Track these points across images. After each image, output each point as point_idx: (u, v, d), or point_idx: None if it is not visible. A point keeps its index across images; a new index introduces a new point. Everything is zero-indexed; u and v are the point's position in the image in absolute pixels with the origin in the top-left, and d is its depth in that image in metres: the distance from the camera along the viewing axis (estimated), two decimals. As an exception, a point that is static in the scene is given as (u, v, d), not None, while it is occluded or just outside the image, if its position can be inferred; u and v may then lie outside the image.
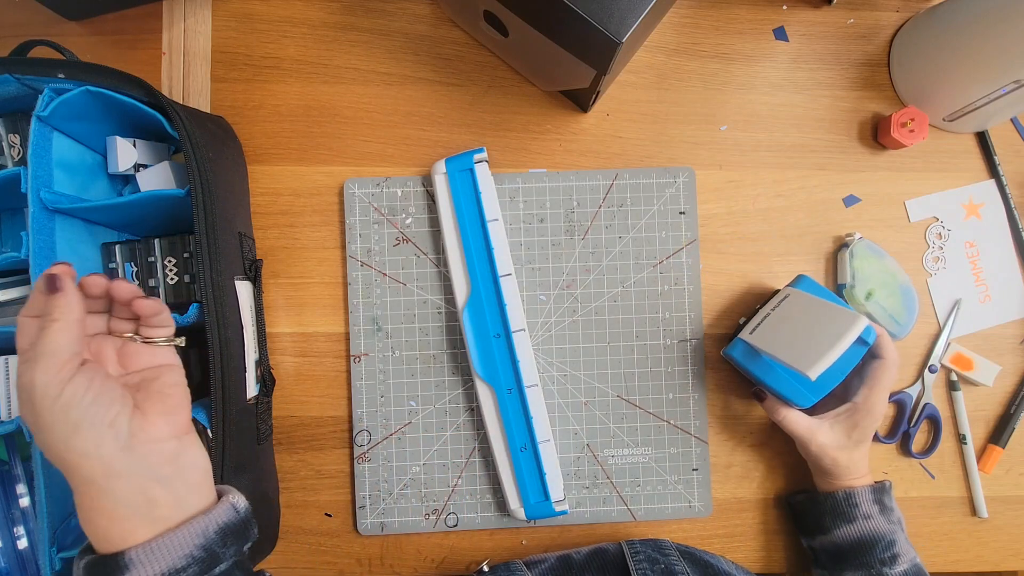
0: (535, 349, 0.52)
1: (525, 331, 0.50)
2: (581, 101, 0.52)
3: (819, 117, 0.55)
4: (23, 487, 0.47)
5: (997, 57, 0.45)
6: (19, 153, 0.45)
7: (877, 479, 0.48)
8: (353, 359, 0.52)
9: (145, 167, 0.47)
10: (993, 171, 0.55)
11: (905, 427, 0.53)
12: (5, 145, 0.45)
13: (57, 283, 0.29)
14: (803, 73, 0.55)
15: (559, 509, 0.49)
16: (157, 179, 0.47)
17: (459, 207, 0.50)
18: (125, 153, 0.46)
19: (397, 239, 0.53)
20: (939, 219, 0.55)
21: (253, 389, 0.46)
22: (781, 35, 0.55)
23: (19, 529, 0.47)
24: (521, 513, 0.49)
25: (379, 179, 0.53)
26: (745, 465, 0.53)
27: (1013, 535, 0.54)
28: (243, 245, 0.47)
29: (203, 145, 0.42)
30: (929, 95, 0.52)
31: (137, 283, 0.46)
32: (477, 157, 0.50)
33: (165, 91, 0.53)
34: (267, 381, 0.47)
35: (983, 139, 0.55)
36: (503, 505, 0.51)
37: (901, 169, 0.55)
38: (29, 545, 0.46)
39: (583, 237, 0.53)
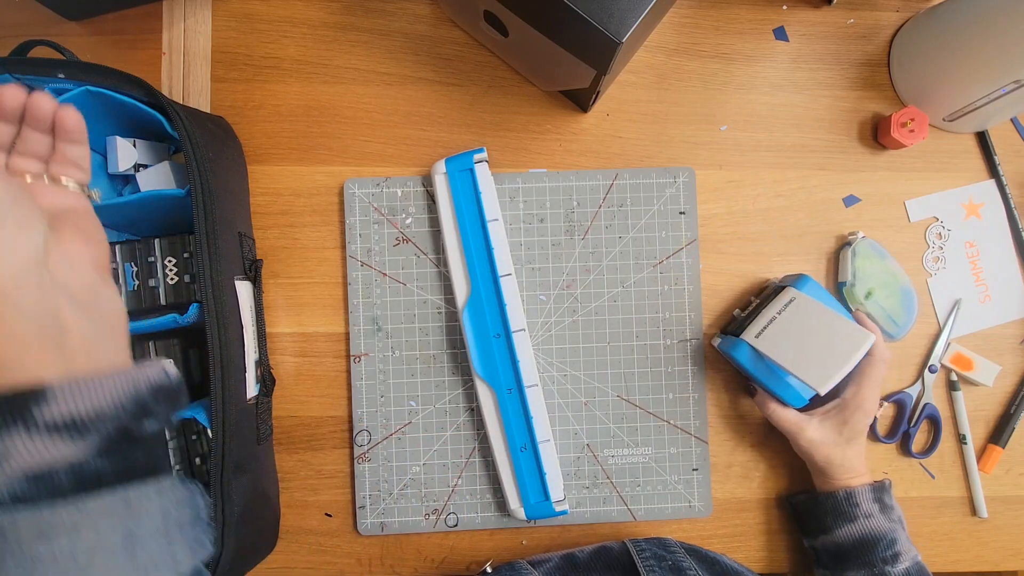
0: (535, 349, 0.52)
1: (525, 331, 0.50)
2: (581, 101, 0.52)
3: (819, 117, 0.55)
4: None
5: (997, 57, 0.45)
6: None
7: (877, 479, 0.48)
8: (353, 359, 0.52)
9: (145, 167, 0.47)
10: (993, 171, 0.55)
11: (905, 427, 0.53)
12: (5, 145, 0.45)
13: None
14: (803, 73, 0.55)
15: (559, 509, 0.49)
16: (157, 179, 0.47)
17: (459, 207, 0.50)
18: (125, 153, 0.46)
19: (397, 239, 0.53)
20: (939, 219, 0.55)
21: (253, 389, 0.45)
22: (781, 35, 0.55)
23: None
24: (521, 513, 0.49)
25: (379, 179, 0.53)
26: (745, 465, 0.53)
27: (1013, 535, 0.54)
28: (243, 245, 0.47)
29: (203, 145, 0.42)
30: (929, 95, 0.52)
31: (137, 283, 0.46)
32: (477, 157, 0.50)
33: (165, 91, 0.53)
34: (267, 381, 0.47)
35: (983, 139, 0.55)
36: (503, 505, 0.51)
37: (901, 169, 0.55)
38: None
39: (583, 237, 0.53)
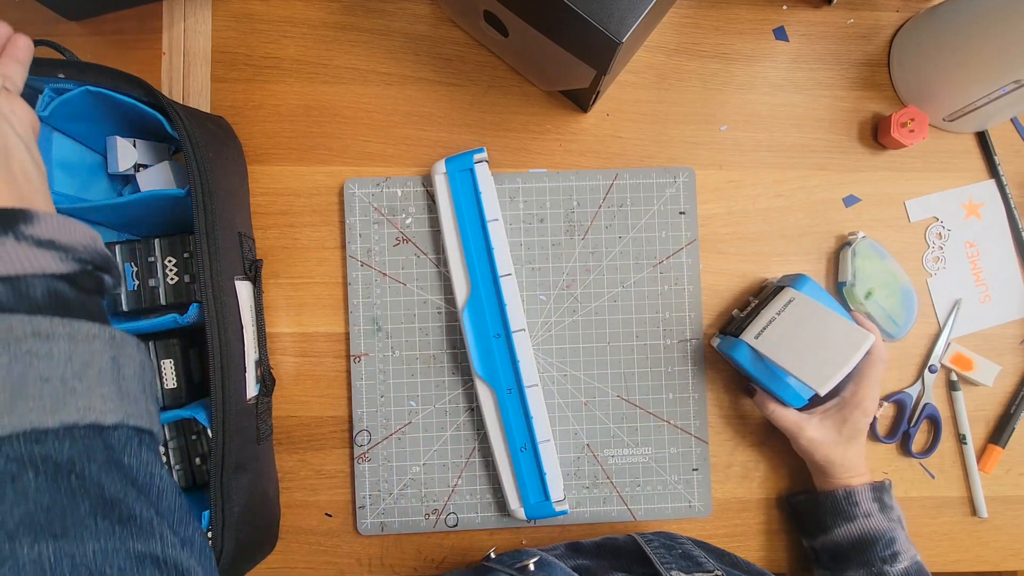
0: (535, 349, 0.52)
1: (525, 331, 0.50)
2: (581, 101, 0.52)
3: (819, 117, 0.55)
4: None
5: (997, 57, 0.45)
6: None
7: (877, 479, 0.48)
8: (353, 359, 0.52)
9: (145, 167, 0.47)
10: (993, 171, 0.55)
11: (905, 427, 0.53)
12: (5, 145, 0.45)
13: None
14: (803, 73, 0.55)
15: (559, 509, 0.49)
16: (157, 179, 0.47)
17: (459, 207, 0.50)
18: (125, 153, 0.46)
19: (397, 239, 0.53)
20: (939, 219, 0.55)
21: (253, 389, 0.45)
22: (781, 35, 0.55)
23: None
24: (521, 513, 0.49)
25: (379, 179, 0.53)
26: (745, 465, 0.53)
27: (1013, 535, 0.54)
28: (243, 245, 0.47)
29: (203, 145, 0.42)
30: (929, 95, 0.52)
31: (137, 283, 0.46)
32: (477, 157, 0.50)
33: (165, 91, 0.53)
34: (267, 381, 0.47)
35: (983, 139, 0.55)
36: (503, 505, 0.51)
37: (901, 169, 0.55)
38: None
39: (583, 237, 0.53)
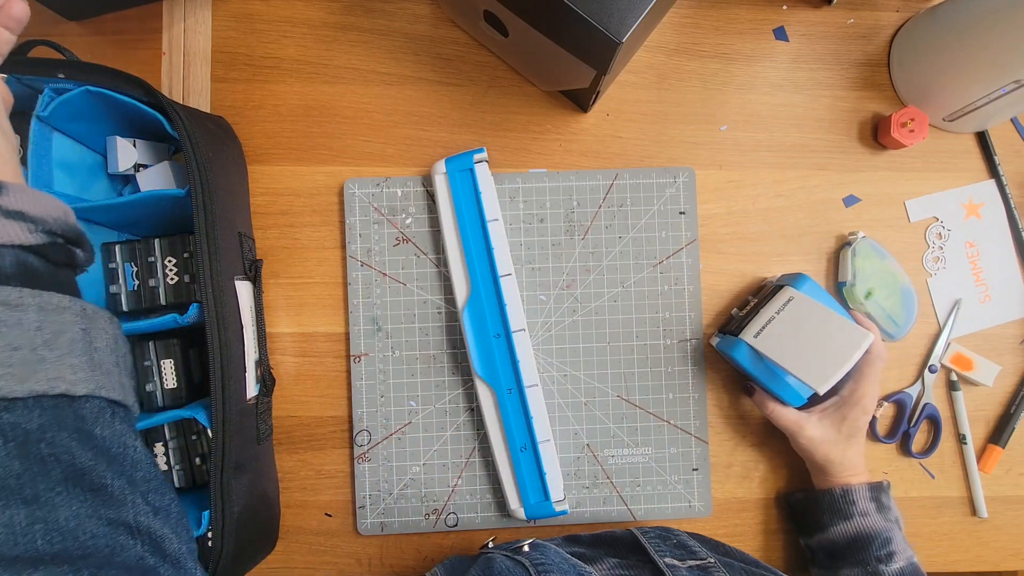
0: (535, 349, 0.52)
1: (525, 331, 0.50)
2: (581, 101, 0.52)
3: (819, 117, 0.55)
4: None
5: (997, 57, 0.45)
6: (19, 153, 0.45)
7: (876, 479, 0.48)
8: (353, 359, 0.52)
9: (145, 167, 0.47)
10: (993, 171, 0.55)
11: (905, 427, 0.53)
12: (5, 145, 0.45)
13: None
14: (803, 73, 0.55)
15: (559, 509, 0.49)
16: (157, 179, 0.47)
17: (459, 207, 0.50)
18: (125, 153, 0.46)
19: (397, 239, 0.53)
20: (939, 219, 0.55)
21: (253, 389, 0.45)
22: (781, 35, 0.55)
23: None
24: (521, 513, 0.49)
25: (379, 179, 0.53)
26: (745, 465, 0.53)
27: (1013, 535, 0.54)
28: (243, 245, 0.47)
29: (203, 145, 0.42)
30: (929, 95, 0.52)
31: (137, 283, 0.46)
32: (477, 157, 0.50)
33: (165, 91, 0.53)
34: (267, 381, 0.47)
35: (983, 139, 0.55)
36: (503, 505, 0.51)
37: (901, 169, 0.55)
38: None
39: (583, 237, 0.53)
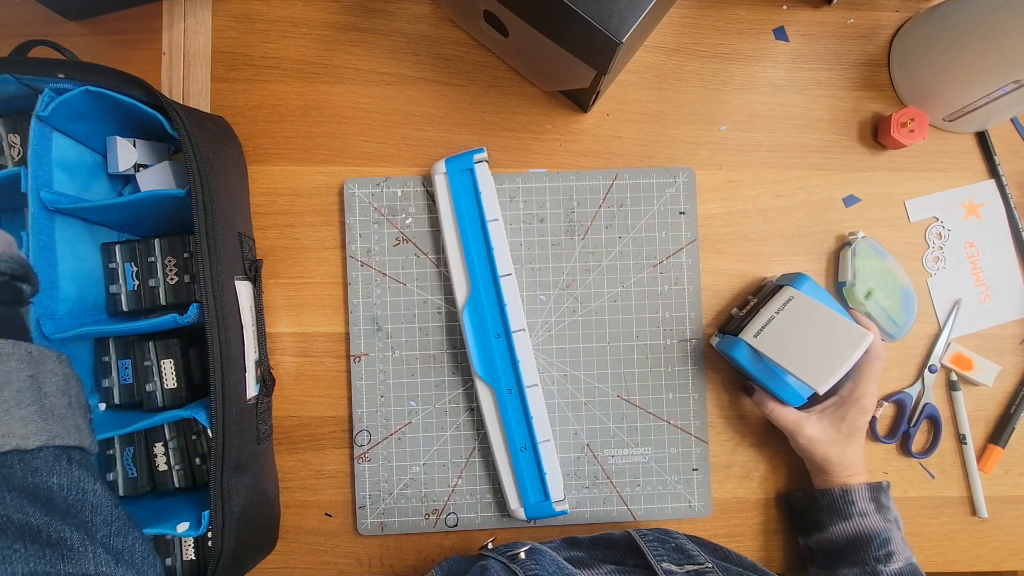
0: (535, 349, 0.52)
1: (525, 331, 0.50)
2: (581, 101, 0.52)
3: (819, 117, 0.55)
4: None
5: (997, 57, 0.45)
6: (19, 153, 0.45)
7: (876, 480, 0.48)
8: (353, 359, 0.52)
9: (145, 167, 0.47)
10: (993, 171, 0.55)
11: (905, 427, 0.53)
12: (5, 145, 0.45)
13: None
14: (803, 73, 0.55)
15: (559, 509, 0.49)
16: (157, 179, 0.47)
17: (459, 207, 0.50)
18: (125, 153, 0.46)
19: (397, 239, 0.53)
20: (939, 219, 0.55)
21: (253, 389, 0.46)
22: (781, 35, 0.55)
23: None
24: (521, 513, 0.49)
25: (379, 179, 0.53)
26: (745, 465, 0.53)
27: (1013, 535, 0.54)
28: (243, 245, 0.47)
29: (203, 145, 0.42)
30: (929, 95, 0.52)
31: (137, 283, 0.46)
32: (477, 157, 0.50)
33: (165, 91, 0.53)
34: (267, 381, 0.47)
35: (983, 139, 0.55)
36: (503, 505, 0.51)
37: (901, 169, 0.55)
38: None
39: (583, 237, 0.53)
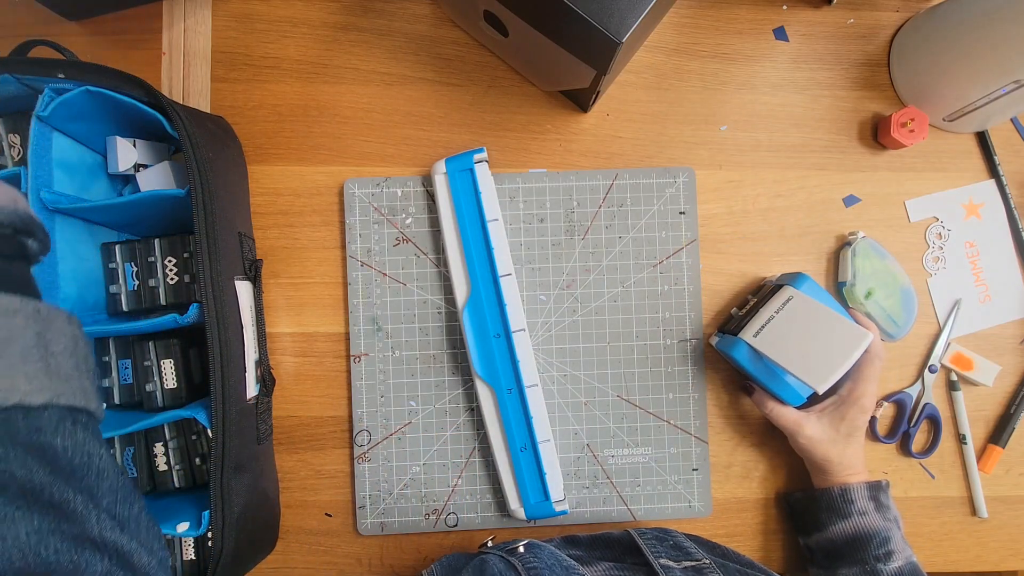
0: (535, 349, 0.52)
1: (525, 331, 0.50)
2: (581, 101, 0.52)
3: (819, 117, 0.55)
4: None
5: (997, 57, 0.45)
6: (19, 153, 0.45)
7: (875, 479, 0.48)
8: (353, 359, 0.52)
9: (145, 167, 0.47)
10: (993, 171, 0.55)
11: (905, 427, 0.53)
12: (5, 145, 0.45)
13: None
14: (803, 73, 0.55)
15: (559, 509, 0.49)
16: (157, 179, 0.47)
17: (459, 207, 0.50)
18: (125, 153, 0.46)
19: (397, 239, 0.53)
20: (939, 219, 0.55)
21: (253, 389, 0.46)
22: (781, 35, 0.55)
23: None
24: (521, 513, 0.49)
25: (379, 179, 0.53)
26: (745, 465, 0.53)
27: (1013, 535, 0.54)
28: (243, 245, 0.47)
29: (203, 145, 0.42)
30: (929, 95, 0.52)
31: (137, 283, 0.46)
32: (477, 157, 0.50)
33: (165, 91, 0.53)
34: (267, 381, 0.47)
35: (983, 139, 0.55)
36: (503, 505, 0.51)
37: (901, 169, 0.55)
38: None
39: (583, 237, 0.53)
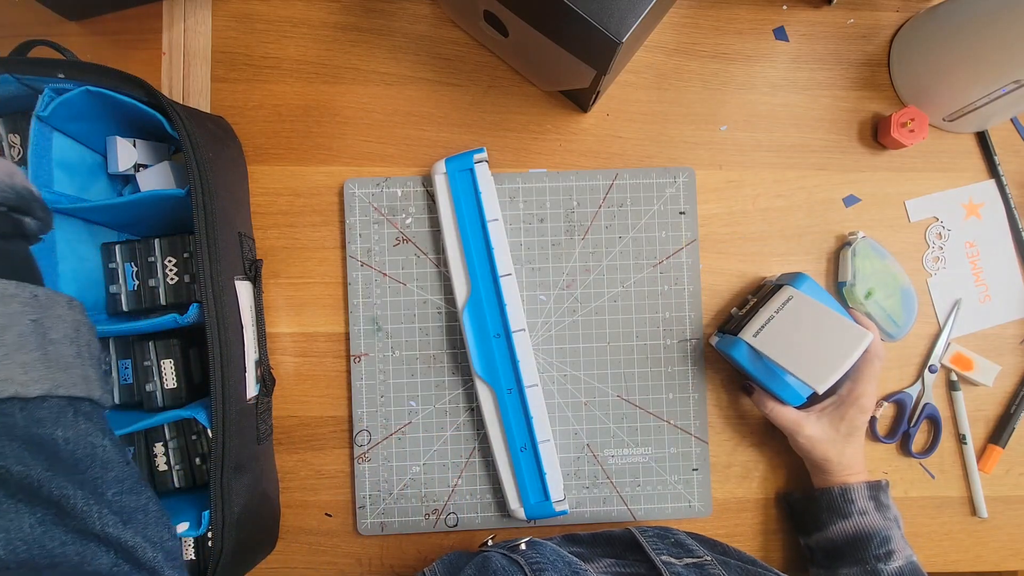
0: (535, 349, 0.52)
1: (525, 331, 0.50)
2: (581, 101, 0.52)
3: (819, 117, 0.55)
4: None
5: (997, 57, 0.45)
6: (19, 153, 0.45)
7: (875, 479, 0.48)
8: (353, 359, 0.52)
9: (145, 167, 0.47)
10: (993, 171, 0.55)
11: (905, 427, 0.53)
12: (5, 145, 0.45)
13: None
14: (803, 73, 0.55)
15: (559, 509, 0.49)
16: (157, 179, 0.47)
17: (459, 207, 0.50)
18: (125, 153, 0.46)
19: (397, 239, 0.53)
20: (939, 219, 0.55)
21: (253, 389, 0.46)
22: (781, 35, 0.55)
23: None
24: (521, 513, 0.49)
25: (379, 179, 0.53)
26: (745, 465, 0.53)
27: (1013, 535, 0.54)
28: (243, 245, 0.47)
29: (203, 145, 0.42)
30: (929, 95, 0.52)
31: (137, 283, 0.46)
32: (477, 157, 0.50)
33: (165, 91, 0.53)
34: (267, 381, 0.47)
35: (983, 139, 0.55)
36: (503, 505, 0.51)
37: (901, 169, 0.55)
38: None
39: (583, 237, 0.53)
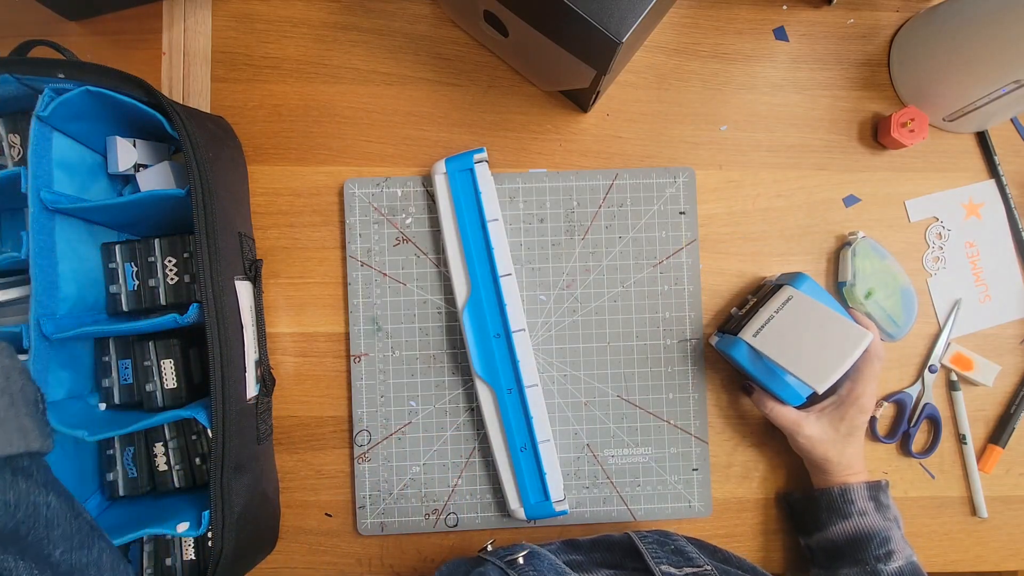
0: (535, 349, 0.52)
1: (525, 331, 0.50)
2: (581, 101, 0.52)
3: (819, 117, 0.55)
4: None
5: (997, 57, 0.45)
6: (19, 153, 0.45)
7: (875, 479, 0.48)
8: (353, 359, 0.52)
9: (145, 167, 0.47)
10: (993, 171, 0.55)
11: (905, 427, 0.53)
12: (5, 145, 0.45)
13: None
14: (803, 73, 0.55)
15: (559, 509, 0.49)
16: (157, 179, 0.47)
17: (459, 207, 0.50)
18: (125, 153, 0.46)
19: (397, 239, 0.53)
20: (939, 219, 0.55)
21: (253, 389, 0.46)
22: (781, 35, 0.55)
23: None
24: (521, 513, 0.49)
25: (379, 179, 0.53)
26: (745, 465, 0.53)
27: (1013, 535, 0.54)
28: (243, 245, 0.47)
29: (203, 145, 0.42)
30: (929, 95, 0.52)
31: (137, 283, 0.46)
32: (477, 157, 0.50)
33: (165, 91, 0.53)
34: (267, 381, 0.47)
35: (983, 139, 0.55)
36: (503, 505, 0.51)
37: (901, 169, 0.55)
38: None
39: (583, 237, 0.53)
